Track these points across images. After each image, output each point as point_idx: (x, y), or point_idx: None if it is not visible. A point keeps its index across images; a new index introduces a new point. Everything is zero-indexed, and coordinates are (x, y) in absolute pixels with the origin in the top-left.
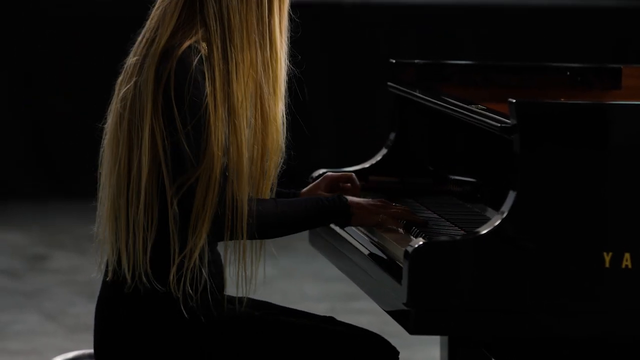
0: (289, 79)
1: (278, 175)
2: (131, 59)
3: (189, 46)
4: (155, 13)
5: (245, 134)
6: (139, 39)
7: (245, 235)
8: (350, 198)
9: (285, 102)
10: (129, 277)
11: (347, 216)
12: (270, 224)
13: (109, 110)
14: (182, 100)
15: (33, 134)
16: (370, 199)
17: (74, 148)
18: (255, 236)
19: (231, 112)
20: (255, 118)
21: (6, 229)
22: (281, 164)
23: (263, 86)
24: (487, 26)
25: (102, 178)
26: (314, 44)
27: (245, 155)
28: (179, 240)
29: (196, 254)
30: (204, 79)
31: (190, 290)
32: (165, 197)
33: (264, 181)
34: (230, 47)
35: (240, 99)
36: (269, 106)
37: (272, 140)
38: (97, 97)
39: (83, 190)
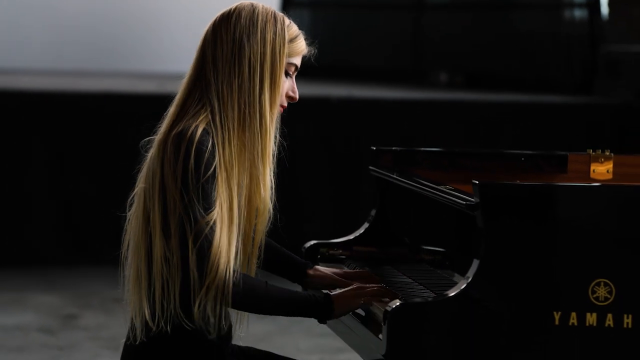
0: (291, 156)
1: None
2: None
3: (204, 130)
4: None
5: (236, 191)
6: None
7: (230, 296)
8: (333, 294)
9: (275, 172)
10: (153, 325)
11: (330, 311)
12: (255, 298)
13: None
14: (199, 173)
15: (65, 210)
16: (345, 289)
17: (100, 223)
18: (238, 301)
19: (225, 171)
20: (245, 178)
21: (43, 291)
22: (268, 225)
23: (252, 151)
24: (454, 117)
25: (127, 242)
26: (307, 134)
27: (235, 210)
28: (199, 277)
29: (219, 280)
30: (214, 155)
31: (210, 317)
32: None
33: (251, 241)
34: (224, 116)
35: (230, 160)
36: (257, 168)
37: (259, 199)
38: (119, 178)
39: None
